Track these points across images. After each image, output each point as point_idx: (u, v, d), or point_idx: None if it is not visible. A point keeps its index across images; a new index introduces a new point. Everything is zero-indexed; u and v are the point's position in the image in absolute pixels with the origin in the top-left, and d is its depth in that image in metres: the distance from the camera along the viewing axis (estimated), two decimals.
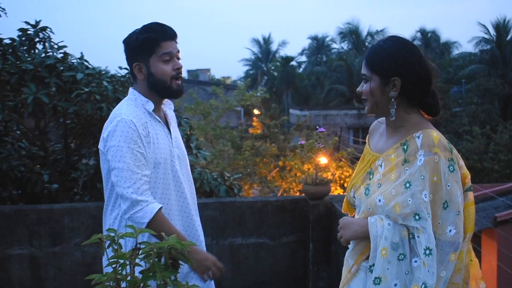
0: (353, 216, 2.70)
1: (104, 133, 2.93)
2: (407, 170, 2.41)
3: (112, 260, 1.87)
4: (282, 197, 5.59)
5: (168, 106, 3.21)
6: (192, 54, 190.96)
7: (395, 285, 2.37)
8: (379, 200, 2.43)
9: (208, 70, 67.47)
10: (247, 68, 62.40)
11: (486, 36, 36.63)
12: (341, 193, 15.56)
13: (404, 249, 2.37)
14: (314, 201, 5.10)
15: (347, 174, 15.77)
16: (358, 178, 2.64)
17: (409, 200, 2.35)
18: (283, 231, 5.30)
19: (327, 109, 37.86)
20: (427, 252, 2.30)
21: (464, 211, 2.45)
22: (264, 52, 60.46)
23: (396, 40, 2.53)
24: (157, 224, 2.81)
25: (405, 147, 2.46)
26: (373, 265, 2.41)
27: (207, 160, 5.79)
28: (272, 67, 56.82)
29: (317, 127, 4.44)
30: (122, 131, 2.86)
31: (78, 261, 5.03)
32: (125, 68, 5.88)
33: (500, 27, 36.16)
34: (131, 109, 2.97)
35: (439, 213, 2.37)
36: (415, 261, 2.35)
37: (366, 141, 2.79)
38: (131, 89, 3.08)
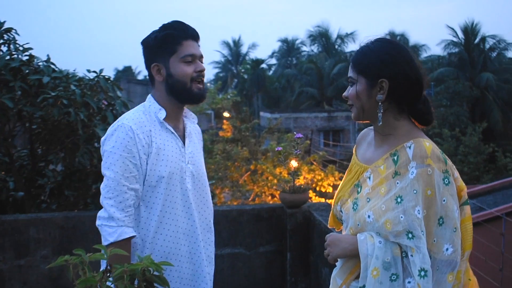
0: (340, 231, 2.53)
1: (103, 137, 2.77)
2: (398, 183, 2.23)
3: (80, 283, 1.70)
4: (258, 205, 5.43)
5: (191, 120, 3.01)
6: None
7: None
8: (369, 216, 2.25)
9: None
10: (217, 70, 62.31)
11: (455, 39, 36.99)
12: (314, 198, 15.51)
13: (396, 269, 2.19)
14: (292, 210, 4.94)
15: (319, 177, 15.68)
16: (345, 190, 2.47)
17: (401, 217, 2.17)
18: (259, 241, 5.13)
19: (297, 112, 37.91)
20: (422, 273, 2.12)
21: (461, 227, 2.28)
22: (234, 54, 60.40)
23: (384, 41, 2.39)
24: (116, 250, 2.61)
25: (395, 157, 2.29)
26: (364, 286, 2.23)
27: None
28: (242, 70, 56.75)
29: (294, 132, 4.28)
30: (118, 136, 2.67)
31: (45, 275, 4.79)
32: (94, 71, 5.65)
33: (468, 30, 36.52)
34: (136, 115, 2.78)
35: (434, 230, 2.20)
36: (409, 282, 2.17)
37: (354, 150, 2.61)
38: (149, 95, 2.90)
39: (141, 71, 75.34)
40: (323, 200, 15.08)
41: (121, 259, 2.37)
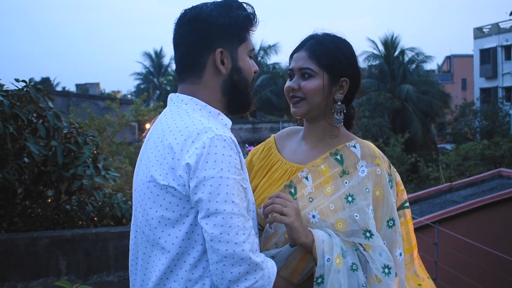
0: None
1: (183, 158, 1.89)
2: (346, 182, 2.13)
3: None
4: None
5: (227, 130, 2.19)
6: (80, 68, 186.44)
7: None
8: (313, 216, 2.09)
9: (98, 84, 65.97)
10: (138, 82, 61.38)
11: (375, 52, 37.74)
12: None
13: (354, 259, 2.04)
14: None
15: None
16: (270, 191, 2.24)
17: (356, 216, 2.06)
18: None
19: None
20: (386, 270, 2.02)
21: (403, 229, 2.22)
22: (156, 66, 59.66)
23: (343, 39, 2.29)
24: None
25: (337, 157, 2.18)
26: (322, 276, 2.02)
27: (116, 181, 5.26)
28: (165, 81, 56.09)
29: (247, 145, 4.08)
30: (222, 154, 1.86)
31: None
32: (23, 81, 5.24)
33: (388, 43, 37.37)
34: (216, 124, 1.99)
35: (383, 232, 2.10)
36: (364, 275, 2.05)
37: (272, 149, 2.41)
38: (186, 97, 2.08)
39: (60, 83, 73.51)
40: None
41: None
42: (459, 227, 11.95)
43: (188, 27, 2.06)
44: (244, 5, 2.11)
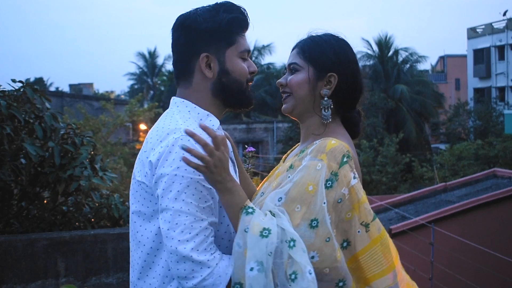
0: None
1: (149, 156, 2.00)
2: (289, 177, 2.07)
3: None
4: None
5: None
6: (74, 68, 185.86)
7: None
8: None
9: (91, 84, 65.81)
10: (132, 82, 61.25)
11: (369, 52, 37.75)
12: None
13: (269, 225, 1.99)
14: None
15: None
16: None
17: (266, 203, 2.02)
18: None
19: None
20: (291, 244, 1.90)
21: (377, 246, 2.07)
22: (150, 66, 59.53)
23: (336, 37, 2.26)
24: None
25: (302, 154, 2.14)
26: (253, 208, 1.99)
27: (114, 182, 5.24)
28: (159, 82, 56.00)
29: (246, 146, 4.04)
30: (183, 153, 1.91)
31: None
32: (20, 81, 5.21)
33: (382, 43, 37.37)
34: (191, 124, 2.04)
35: (303, 231, 1.96)
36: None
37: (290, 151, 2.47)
38: (179, 99, 2.15)
39: (53, 83, 73.21)
40: None
41: None
42: (454, 227, 11.98)
43: (177, 34, 2.16)
44: (233, 8, 2.15)
